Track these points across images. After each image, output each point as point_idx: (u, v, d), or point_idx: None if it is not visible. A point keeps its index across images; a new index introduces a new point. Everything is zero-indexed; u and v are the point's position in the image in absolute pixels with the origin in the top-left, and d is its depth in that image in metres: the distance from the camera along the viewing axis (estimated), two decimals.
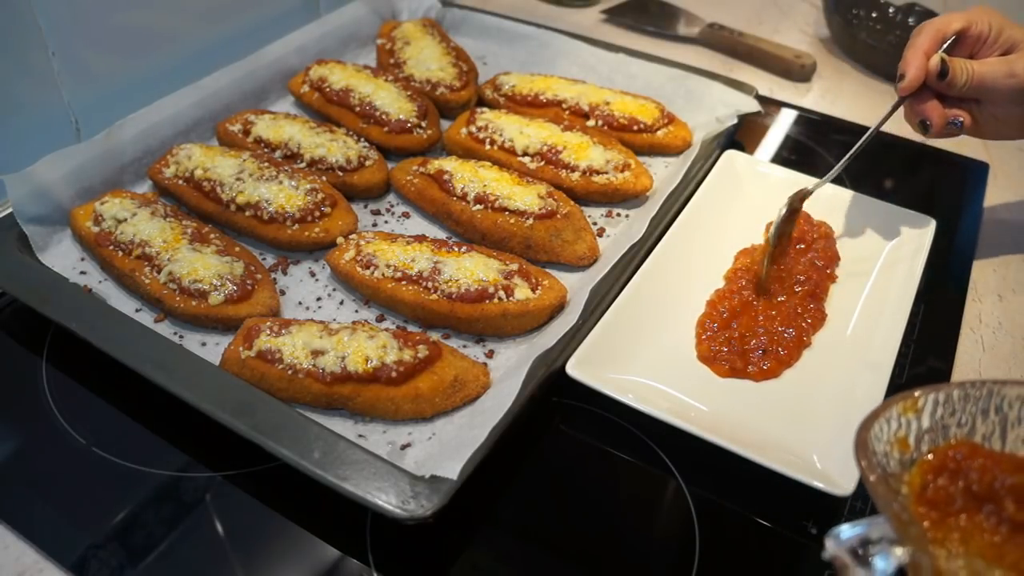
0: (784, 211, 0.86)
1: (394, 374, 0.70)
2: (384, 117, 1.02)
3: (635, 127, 1.03)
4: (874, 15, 1.35)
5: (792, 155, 1.13)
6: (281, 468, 0.65)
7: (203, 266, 0.79)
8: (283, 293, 0.85)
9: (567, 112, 1.06)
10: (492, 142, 0.99)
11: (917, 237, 0.90)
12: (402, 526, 0.62)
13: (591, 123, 1.04)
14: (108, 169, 0.93)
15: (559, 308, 0.81)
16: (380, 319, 0.82)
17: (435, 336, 0.78)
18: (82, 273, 0.85)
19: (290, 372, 0.70)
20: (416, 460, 0.68)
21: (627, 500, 0.70)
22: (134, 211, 0.86)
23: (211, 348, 0.78)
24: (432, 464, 0.65)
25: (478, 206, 0.89)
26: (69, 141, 1.02)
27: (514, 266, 0.82)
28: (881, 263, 0.89)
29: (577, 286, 0.84)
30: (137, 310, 0.81)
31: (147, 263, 0.81)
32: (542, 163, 0.97)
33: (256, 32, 1.20)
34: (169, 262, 0.80)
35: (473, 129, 1.01)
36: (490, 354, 0.79)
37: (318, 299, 0.84)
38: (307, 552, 0.65)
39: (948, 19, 0.84)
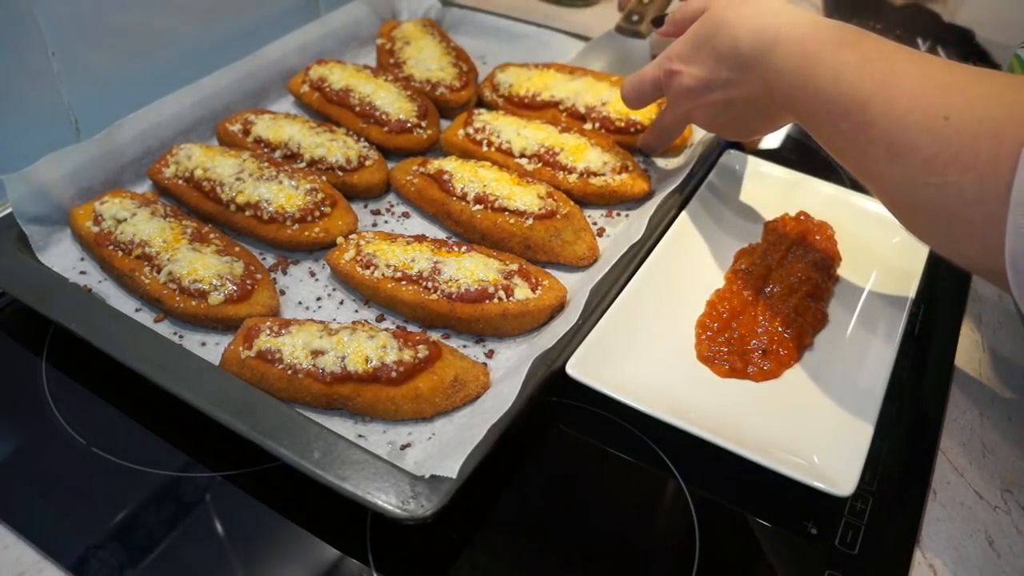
0: None
1: (394, 374, 0.70)
2: (384, 117, 1.02)
3: (632, 129, 1.03)
4: (875, 15, 1.35)
5: (792, 155, 1.13)
6: (281, 468, 0.65)
7: (203, 266, 0.79)
8: (283, 293, 0.85)
9: (564, 114, 1.06)
10: (489, 144, 0.99)
11: None
12: (402, 526, 0.62)
13: (588, 126, 1.04)
14: (108, 169, 0.93)
15: (559, 308, 0.81)
16: (380, 319, 0.82)
17: (435, 336, 0.78)
18: (82, 273, 0.85)
19: (290, 372, 0.70)
20: (416, 460, 0.68)
21: (627, 500, 0.71)
22: (134, 211, 0.86)
23: (211, 348, 0.78)
24: (432, 464, 0.65)
25: (478, 206, 0.89)
26: (69, 141, 1.02)
27: (514, 266, 0.82)
28: (881, 263, 0.89)
29: (577, 286, 0.84)
30: (137, 310, 0.81)
31: (147, 263, 0.81)
32: (539, 165, 0.97)
33: (256, 32, 1.20)
34: (169, 262, 0.80)
35: (470, 131, 1.01)
36: (490, 354, 0.79)
37: (318, 299, 0.84)
38: (307, 552, 0.65)
39: None
